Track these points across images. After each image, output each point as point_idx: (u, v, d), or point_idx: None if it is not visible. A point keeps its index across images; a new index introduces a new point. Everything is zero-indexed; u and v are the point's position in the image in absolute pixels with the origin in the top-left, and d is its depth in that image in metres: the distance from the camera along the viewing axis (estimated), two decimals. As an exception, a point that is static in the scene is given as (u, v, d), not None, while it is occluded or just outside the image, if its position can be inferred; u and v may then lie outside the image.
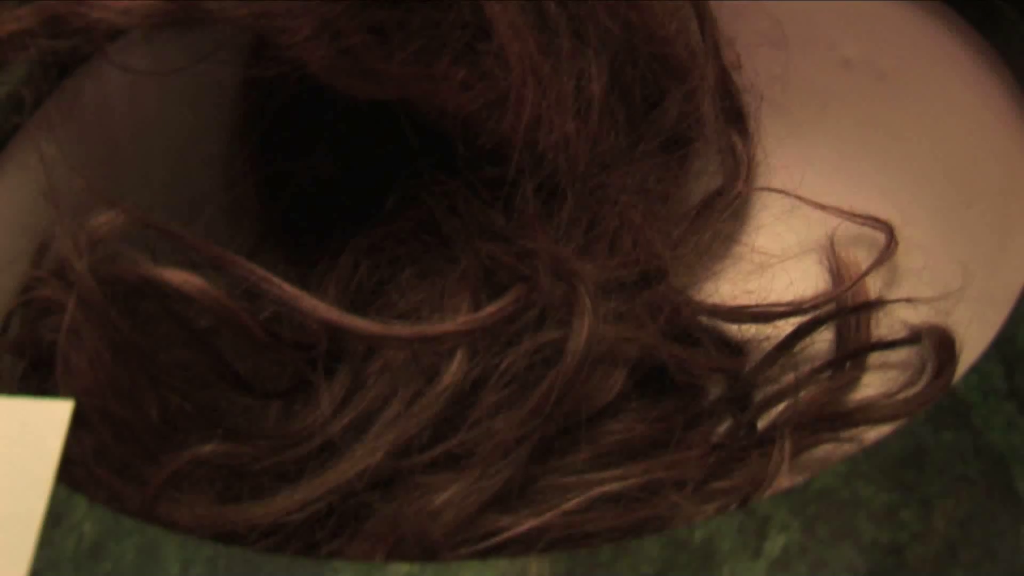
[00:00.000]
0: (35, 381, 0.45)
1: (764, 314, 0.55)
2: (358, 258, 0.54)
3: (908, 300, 0.53)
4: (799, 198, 0.59)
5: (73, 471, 0.40)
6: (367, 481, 0.45)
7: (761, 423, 0.52)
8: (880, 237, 0.56)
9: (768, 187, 0.60)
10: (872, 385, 0.53)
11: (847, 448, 0.50)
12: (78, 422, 0.38)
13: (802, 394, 0.52)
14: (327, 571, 0.34)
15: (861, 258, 0.57)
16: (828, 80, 0.59)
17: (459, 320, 0.48)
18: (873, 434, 0.50)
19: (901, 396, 0.50)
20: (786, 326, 0.54)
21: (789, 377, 0.53)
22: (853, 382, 0.53)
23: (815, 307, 0.55)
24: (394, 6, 0.46)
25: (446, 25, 0.47)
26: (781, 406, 0.52)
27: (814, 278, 0.57)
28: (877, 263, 0.56)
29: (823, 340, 0.55)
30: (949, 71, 0.54)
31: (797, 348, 0.54)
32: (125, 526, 0.35)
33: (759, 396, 0.53)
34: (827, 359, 0.54)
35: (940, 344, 0.50)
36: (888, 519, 0.34)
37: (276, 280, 0.45)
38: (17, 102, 0.48)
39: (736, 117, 0.60)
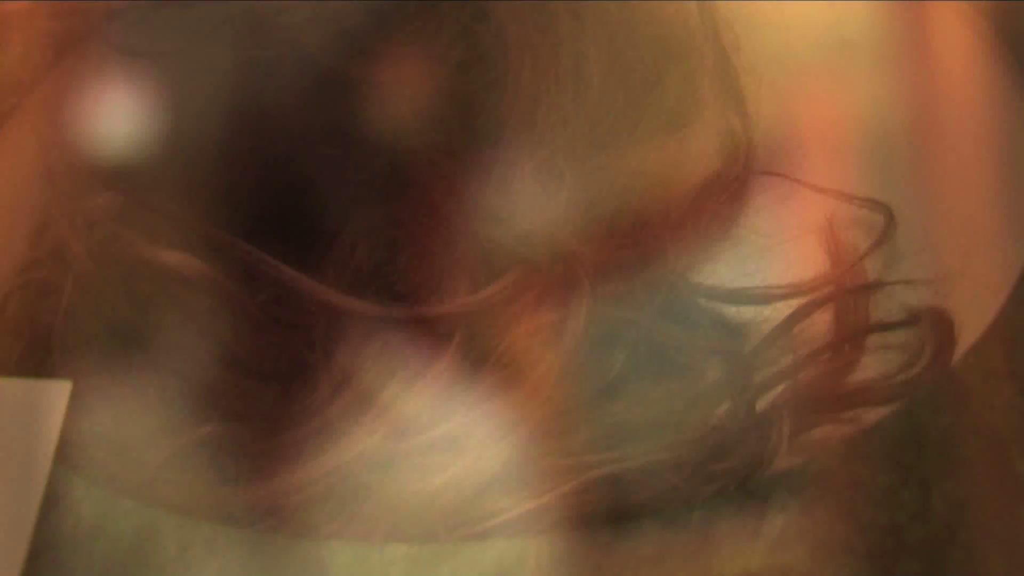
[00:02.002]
0: (33, 362, 0.45)
1: (763, 296, 0.55)
2: (356, 240, 0.54)
3: (907, 282, 0.53)
4: (798, 181, 0.59)
5: (71, 452, 0.40)
6: (365, 463, 0.45)
7: (760, 405, 0.52)
8: (879, 219, 0.56)
9: (767, 170, 0.60)
10: (871, 367, 0.53)
11: (846, 430, 0.50)
12: (76, 403, 0.38)
13: (801, 376, 0.52)
14: (325, 552, 0.34)
15: (860, 240, 0.56)
16: (827, 61, 0.59)
17: (457, 302, 0.48)
18: (872, 415, 0.50)
19: (900, 378, 0.50)
20: (785, 308, 0.54)
21: (788, 359, 0.53)
22: (852, 364, 0.53)
23: (813, 289, 0.54)
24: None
25: (444, 5, 0.47)
26: (780, 388, 0.52)
27: (813, 260, 0.57)
28: (876, 245, 0.55)
29: (822, 322, 0.54)
30: (950, 52, 0.54)
31: (796, 330, 0.54)
32: (123, 507, 0.35)
33: (758, 378, 0.53)
34: (826, 341, 0.53)
35: (939, 326, 0.50)
36: (887, 500, 0.34)
37: (274, 262, 0.45)
38: (14, 82, 0.47)
39: (735, 99, 0.60)
